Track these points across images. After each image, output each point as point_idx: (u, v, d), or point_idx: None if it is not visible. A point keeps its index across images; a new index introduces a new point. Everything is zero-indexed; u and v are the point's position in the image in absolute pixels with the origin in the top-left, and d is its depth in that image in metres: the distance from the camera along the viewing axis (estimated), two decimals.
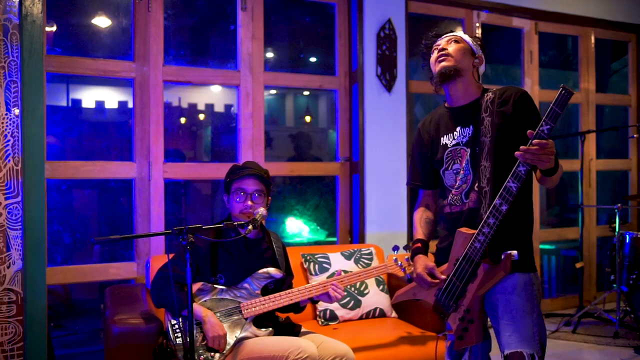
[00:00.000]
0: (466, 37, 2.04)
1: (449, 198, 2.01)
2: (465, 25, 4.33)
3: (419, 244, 2.09)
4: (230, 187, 2.47)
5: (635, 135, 4.67)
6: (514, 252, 1.79)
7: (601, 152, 5.18)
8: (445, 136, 2.04)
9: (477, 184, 1.90)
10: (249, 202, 2.43)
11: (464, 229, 1.89)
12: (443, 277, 1.96)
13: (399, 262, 2.57)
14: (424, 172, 2.15)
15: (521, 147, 1.66)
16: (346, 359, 2.35)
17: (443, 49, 2.00)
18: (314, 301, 2.51)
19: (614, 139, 5.38)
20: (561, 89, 1.58)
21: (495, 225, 1.78)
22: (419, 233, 2.13)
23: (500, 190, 1.76)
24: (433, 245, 2.12)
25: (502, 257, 1.81)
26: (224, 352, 2.29)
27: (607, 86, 5.46)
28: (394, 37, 3.82)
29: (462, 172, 1.96)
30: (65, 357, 3.54)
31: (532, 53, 4.63)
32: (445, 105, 2.12)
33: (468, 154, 1.95)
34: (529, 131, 1.65)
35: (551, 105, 1.60)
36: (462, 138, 1.98)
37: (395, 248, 2.52)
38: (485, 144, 1.89)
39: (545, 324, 1.92)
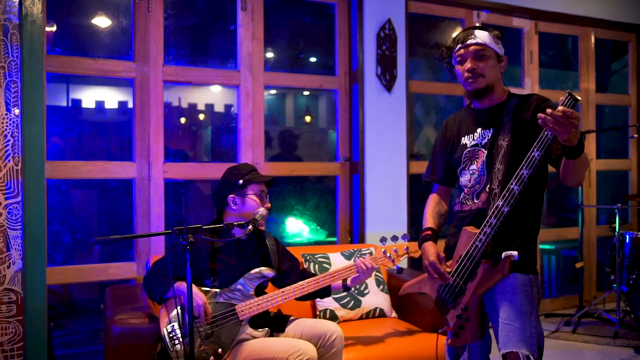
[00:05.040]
0: (489, 42, 1.96)
1: (461, 197, 2.04)
2: (465, 25, 4.33)
3: (429, 232, 2.11)
4: (246, 188, 2.47)
5: (635, 135, 4.67)
6: (514, 253, 1.80)
7: (601, 152, 5.18)
8: (465, 136, 2.06)
9: (488, 185, 1.92)
10: (268, 204, 2.53)
11: (469, 228, 1.92)
12: (449, 269, 1.98)
13: (388, 254, 2.57)
14: (443, 168, 2.17)
15: (548, 110, 1.59)
16: (336, 336, 2.37)
17: (472, 69, 1.95)
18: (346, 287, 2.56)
19: (614, 139, 5.38)
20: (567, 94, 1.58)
21: (497, 226, 1.80)
22: (430, 222, 2.14)
23: (504, 192, 1.79)
24: (441, 242, 2.12)
25: (502, 257, 1.82)
26: (223, 353, 2.29)
27: (607, 86, 5.46)
28: (394, 37, 3.82)
29: (476, 172, 1.98)
30: (65, 357, 3.54)
31: (532, 53, 4.63)
32: (472, 106, 2.12)
33: (485, 155, 1.97)
34: (539, 114, 1.61)
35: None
36: (482, 140, 2.00)
37: (383, 240, 2.53)
38: (502, 147, 1.91)
39: (545, 324, 1.92)
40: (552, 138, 1.67)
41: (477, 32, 1.97)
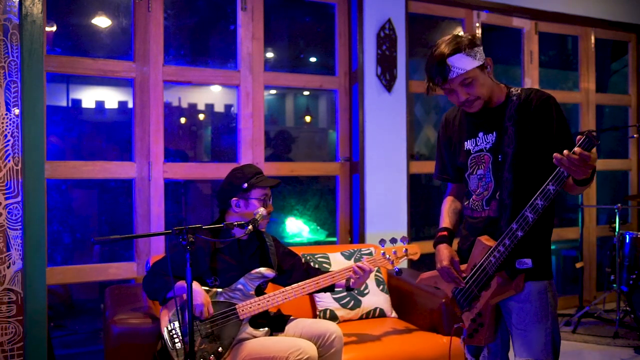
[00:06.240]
0: (467, 64, 1.80)
1: (470, 202, 1.99)
2: (465, 25, 4.33)
3: (445, 232, 2.06)
4: (250, 192, 2.47)
5: (635, 135, 4.67)
6: (528, 261, 1.80)
7: (601, 152, 5.18)
8: (468, 141, 2.00)
9: (498, 193, 1.89)
10: (271, 207, 2.54)
11: (483, 239, 1.89)
12: (464, 274, 1.96)
13: (387, 256, 2.57)
14: (452, 167, 2.11)
15: (565, 151, 1.53)
16: (335, 336, 2.37)
17: (465, 100, 1.85)
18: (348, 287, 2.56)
19: (614, 139, 5.38)
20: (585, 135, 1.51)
21: (510, 247, 1.79)
22: (446, 222, 2.10)
23: (518, 217, 1.75)
24: (455, 242, 2.10)
25: (516, 266, 1.80)
26: (223, 352, 2.29)
27: (607, 86, 5.46)
28: (394, 37, 3.82)
29: (484, 178, 1.94)
30: (65, 357, 3.54)
31: (532, 53, 4.63)
32: None
33: (490, 160, 1.92)
34: (555, 154, 1.55)
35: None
36: (485, 144, 1.94)
37: (382, 242, 2.53)
38: (508, 154, 1.86)
39: None
40: (567, 175, 1.62)
41: (452, 61, 1.79)
